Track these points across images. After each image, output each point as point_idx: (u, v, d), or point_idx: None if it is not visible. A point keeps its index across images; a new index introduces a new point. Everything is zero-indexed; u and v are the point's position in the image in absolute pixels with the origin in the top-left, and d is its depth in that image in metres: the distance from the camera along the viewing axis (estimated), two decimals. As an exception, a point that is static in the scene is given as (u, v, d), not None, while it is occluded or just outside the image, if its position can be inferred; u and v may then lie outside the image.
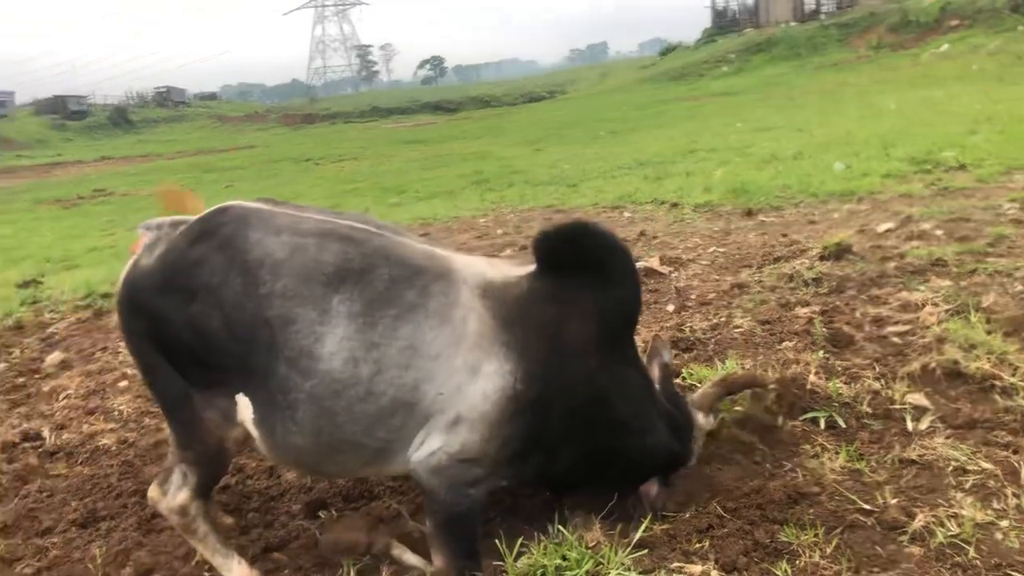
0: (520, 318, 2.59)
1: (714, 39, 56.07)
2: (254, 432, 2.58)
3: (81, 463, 3.90)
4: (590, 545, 2.35)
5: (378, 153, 27.40)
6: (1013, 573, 2.12)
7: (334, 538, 2.76)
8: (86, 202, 20.19)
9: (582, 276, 2.66)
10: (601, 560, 2.29)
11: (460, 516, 2.54)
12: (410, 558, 2.68)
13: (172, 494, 2.64)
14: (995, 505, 2.46)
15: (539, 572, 2.27)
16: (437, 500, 2.54)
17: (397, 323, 2.50)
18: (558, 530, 2.46)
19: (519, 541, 2.43)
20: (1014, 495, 2.49)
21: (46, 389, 5.10)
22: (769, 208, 8.02)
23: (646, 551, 2.37)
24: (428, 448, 2.50)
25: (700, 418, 2.88)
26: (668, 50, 65.77)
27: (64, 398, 4.89)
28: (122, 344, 5.89)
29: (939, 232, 5.96)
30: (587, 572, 2.24)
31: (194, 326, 2.52)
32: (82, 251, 11.95)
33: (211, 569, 2.78)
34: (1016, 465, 2.64)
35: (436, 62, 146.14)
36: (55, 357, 5.73)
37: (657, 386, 2.88)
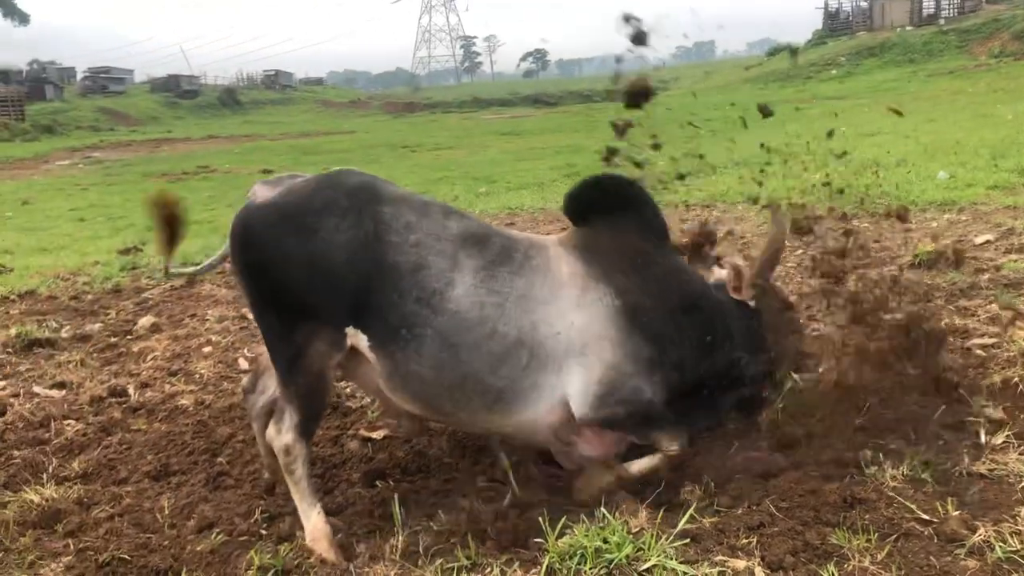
0: (594, 254, 3.07)
1: (824, 41, 54.52)
2: (371, 357, 2.85)
3: (160, 420, 4.08)
4: (633, 530, 2.34)
5: (473, 143, 27.63)
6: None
7: (586, 488, 2.93)
8: (190, 177, 20.91)
9: (616, 211, 3.24)
10: (642, 546, 2.27)
11: (643, 417, 2.94)
12: (643, 462, 2.98)
13: (282, 433, 2.85)
14: (1060, 523, 2.35)
15: (579, 552, 2.26)
16: (620, 421, 2.93)
17: (512, 277, 2.91)
18: (603, 513, 2.46)
19: (563, 519, 2.44)
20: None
21: (135, 350, 5.34)
22: (864, 214, 7.77)
23: (689, 540, 2.34)
24: (578, 381, 2.87)
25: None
26: (776, 51, 64.23)
27: (151, 359, 5.12)
28: (209, 312, 6.15)
29: (1042, 246, 5.69)
30: (627, 557, 2.22)
31: (313, 259, 2.79)
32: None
33: (268, 525, 2.88)
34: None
35: (539, 55, 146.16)
36: (146, 320, 5.99)
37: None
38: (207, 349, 5.26)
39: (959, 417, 3.08)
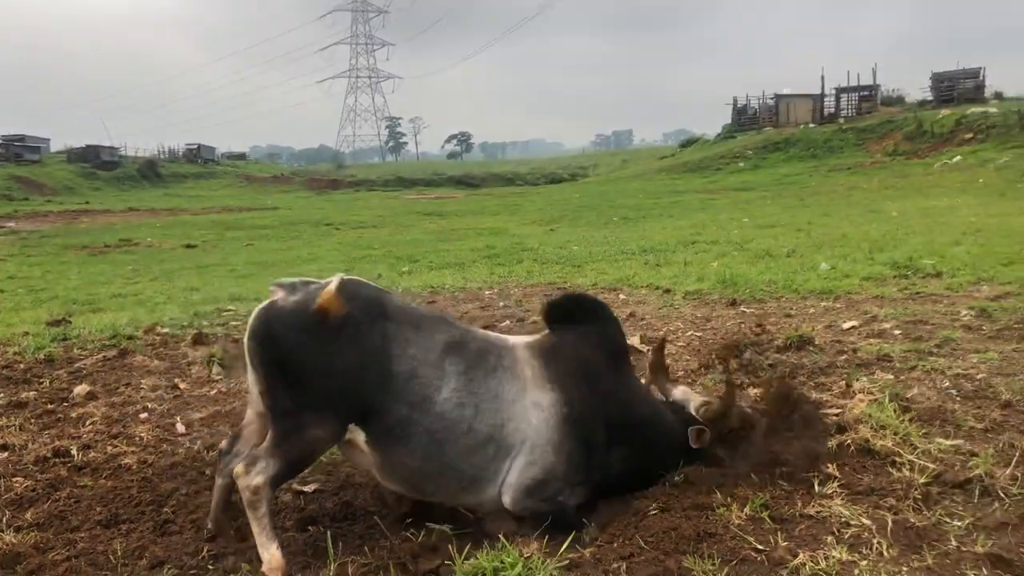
0: (555, 361, 3.63)
1: (733, 135, 57.43)
2: (367, 450, 3.37)
3: (105, 477, 4.43)
4: (525, 556, 2.88)
5: (397, 222, 28.29)
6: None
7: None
8: (112, 250, 20.98)
9: (583, 325, 3.79)
10: (532, 567, 2.81)
11: (557, 522, 3.34)
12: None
13: (253, 475, 3.23)
14: (862, 550, 2.98)
15: (480, 572, 2.80)
16: (538, 516, 3.37)
17: (487, 379, 3.47)
18: (502, 543, 3.00)
19: (468, 546, 2.97)
20: (878, 543, 3.01)
21: (73, 415, 5.64)
22: (752, 300, 8.58)
23: (570, 564, 2.89)
24: (517, 473, 3.41)
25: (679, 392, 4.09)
26: (689, 142, 67.30)
27: (90, 424, 5.43)
28: (143, 381, 6.49)
29: (897, 332, 6.51)
30: (518, 574, 2.76)
31: (330, 365, 3.25)
32: (107, 296, 12.55)
33: (214, 563, 3.30)
34: (888, 522, 3.16)
35: (463, 137, 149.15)
36: (82, 388, 6.29)
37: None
38: (144, 415, 5.60)
39: (800, 471, 3.72)
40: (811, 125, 52.25)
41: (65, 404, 5.97)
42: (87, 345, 7.73)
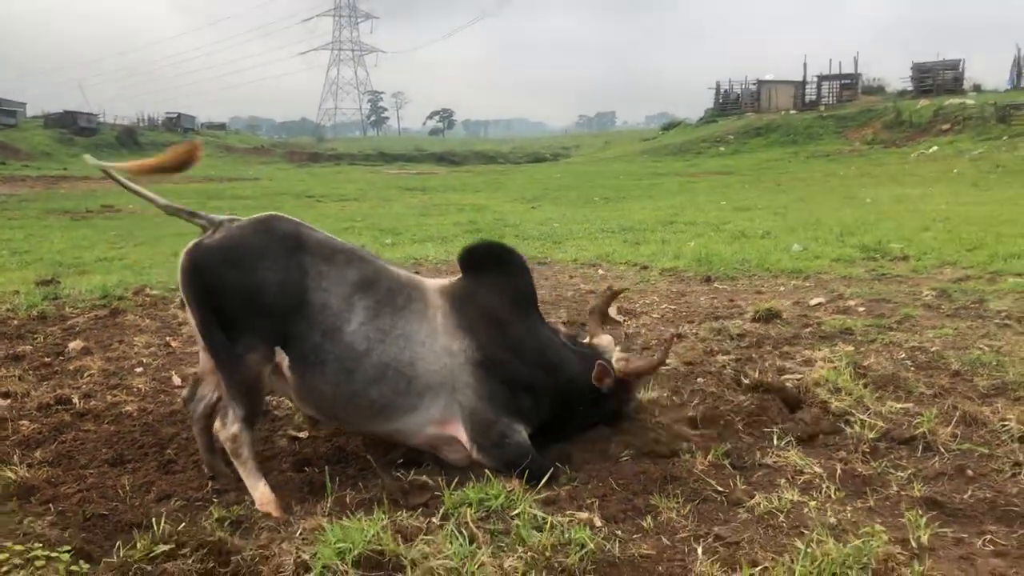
0: (466, 308, 3.86)
1: (715, 119, 57.83)
2: (287, 375, 3.60)
3: (107, 423, 4.67)
4: (507, 490, 3.17)
5: (379, 196, 28.40)
6: (804, 530, 2.94)
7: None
8: (94, 216, 20.98)
9: (494, 273, 4.01)
10: (513, 499, 3.11)
11: (513, 459, 3.60)
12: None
13: (228, 426, 3.53)
14: (812, 493, 3.29)
15: (466, 502, 3.08)
16: (490, 455, 3.66)
17: (394, 318, 3.70)
18: (486, 477, 3.29)
19: (456, 479, 3.26)
20: (827, 487, 3.33)
21: (71, 368, 5.86)
22: (726, 277, 8.91)
23: (548, 500, 3.18)
24: (439, 412, 3.70)
25: (604, 340, 4.27)
26: (671, 125, 67.65)
27: (88, 376, 5.66)
28: (136, 339, 6.70)
29: (861, 308, 6.85)
30: (501, 505, 3.06)
31: (250, 292, 3.50)
32: (92, 260, 12.70)
33: (217, 496, 3.57)
34: (836, 468, 3.49)
35: (446, 114, 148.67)
36: (77, 344, 6.50)
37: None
38: (139, 369, 5.83)
39: (760, 426, 4.03)
40: (792, 112, 52.74)
41: (61, 358, 6.19)
42: (78, 304, 7.93)
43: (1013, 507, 3.16)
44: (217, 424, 3.62)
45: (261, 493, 3.49)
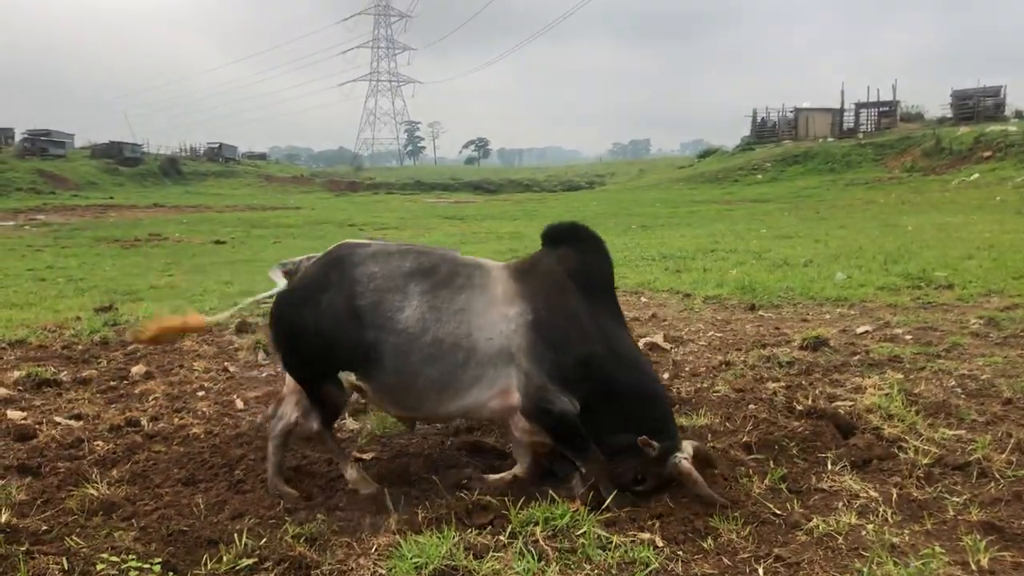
0: (528, 275, 3.90)
1: (752, 147, 57.65)
2: (363, 386, 3.87)
3: (176, 444, 4.85)
4: (571, 510, 3.28)
5: (419, 224, 28.76)
6: (864, 552, 3.01)
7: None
8: (142, 244, 21.49)
9: (568, 247, 4.00)
10: (578, 518, 3.22)
11: (557, 427, 3.67)
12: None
13: (310, 424, 4.07)
14: (868, 516, 3.36)
15: (533, 520, 3.20)
16: (538, 420, 3.69)
17: (454, 296, 3.79)
18: (551, 496, 3.40)
19: (522, 499, 3.38)
20: (884, 511, 3.39)
21: (136, 392, 6.08)
22: (770, 305, 8.96)
23: (610, 520, 3.28)
24: (503, 379, 3.70)
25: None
26: (707, 153, 67.57)
27: (152, 399, 5.87)
28: (196, 364, 6.92)
29: (908, 336, 6.88)
30: (566, 524, 3.17)
31: (317, 329, 3.84)
32: (144, 287, 13.02)
33: (290, 514, 3.71)
34: (892, 492, 3.55)
35: (481, 143, 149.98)
36: (139, 368, 6.74)
37: None
38: (201, 393, 6.04)
39: (815, 452, 4.11)
40: (830, 139, 52.45)
41: (126, 382, 6.42)
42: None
43: (1070, 533, 3.21)
44: (303, 422, 4.08)
45: (351, 473, 4.04)
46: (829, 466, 3.94)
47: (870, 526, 3.26)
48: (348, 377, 3.87)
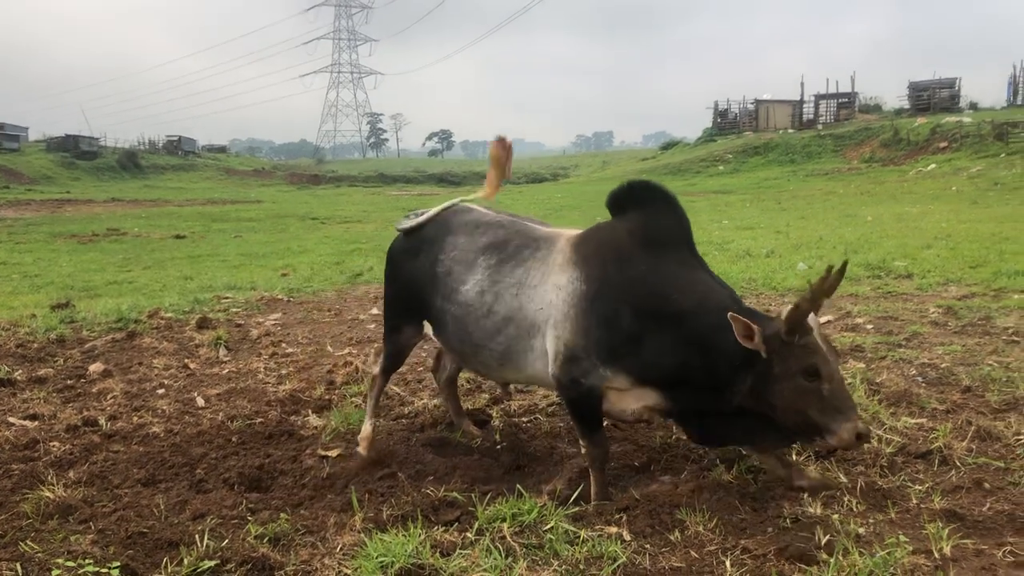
0: (586, 244, 3.75)
1: (713, 138, 58.10)
2: (435, 339, 4.29)
3: (136, 444, 4.76)
4: (539, 505, 3.26)
5: (383, 217, 28.51)
6: (834, 540, 3.02)
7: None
8: (101, 239, 21.09)
9: (632, 209, 3.72)
10: (545, 514, 3.20)
11: (578, 401, 3.61)
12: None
13: (373, 367, 4.79)
14: (834, 506, 3.39)
15: (501, 517, 3.17)
16: (563, 391, 3.68)
17: (514, 269, 3.85)
18: (519, 491, 3.38)
19: (488, 495, 3.35)
20: (849, 500, 3.42)
21: (94, 390, 5.95)
22: (733, 296, 9.00)
23: (578, 515, 3.27)
24: (549, 347, 3.63)
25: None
26: (669, 145, 67.97)
27: (111, 398, 5.75)
28: (155, 361, 6.79)
29: (869, 326, 6.95)
30: (534, 520, 3.15)
31: (407, 277, 4.33)
32: (102, 283, 12.79)
33: (252, 514, 3.65)
34: (856, 482, 3.58)
35: (444, 135, 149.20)
36: (97, 367, 6.59)
37: None
38: (161, 391, 5.92)
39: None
40: (790, 131, 53.04)
41: (83, 380, 6.28)
42: (95, 327, 8.02)
43: (1031, 519, 3.25)
44: (371, 359, 4.76)
45: (365, 430, 4.46)
46: (794, 457, 3.95)
47: (835, 516, 3.28)
48: (426, 327, 4.29)
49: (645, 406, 3.55)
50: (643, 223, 3.62)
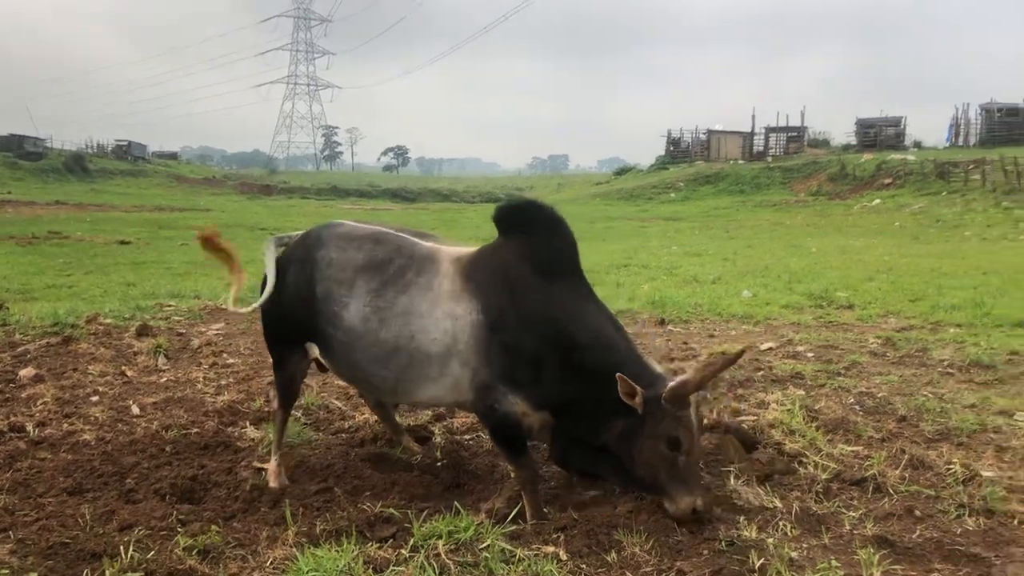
0: (477, 271, 3.68)
1: (666, 166, 58.84)
2: (324, 361, 4.04)
3: (64, 451, 4.61)
4: (476, 523, 3.22)
5: (333, 231, 28.26)
6: (764, 566, 3.04)
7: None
8: (41, 242, 20.55)
9: (521, 232, 3.73)
10: (482, 532, 3.16)
11: (497, 428, 3.64)
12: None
13: (272, 404, 4.43)
14: (769, 530, 3.41)
15: (437, 534, 3.13)
16: (481, 418, 3.73)
17: (398, 296, 3.71)
18: (456, 508, 3.34)
19: (425, 512, 3.31)
20: (784, 525, 3.44)
21: (23, 396, 5.76)
22: (679, 320, 9.09)
23: (515, 534, 3.24)
24: (455, 378, 3.63)
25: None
26: (623, 170, 68.60)
27: (41, 404, 5.56)
28: (90, 367, 6.61)
29: (810, 354, 7.06)
30: (470, 537, 3.11)
31: (285, 301, 4.02)
32: (41, 287, 12.46)
33: (183, 526, 3.55)
34: (792, 506, 3.61)
35: (400, 151, 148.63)
36: (28, 371, 6.39)
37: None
38: (95, 398, 5.76)
39: (719, 465, 4.15)
40: (740, 161, 53.90)
41: (12, 385, 6.08)
42: (28, 331, 7.79)
43: (958, 547, 3.30)
44: (271, 394, 4.63)
45: (273, 464, 4.18)
46: (732, 480, 3.98)
47: (770, 540, 3.30)
48: (313, 348, 4.04)
49: (542, 424, 3.68)
50: (534, 248, 3.66)
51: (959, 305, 9.43)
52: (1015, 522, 3.54)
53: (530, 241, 3.68)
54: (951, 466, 4.12)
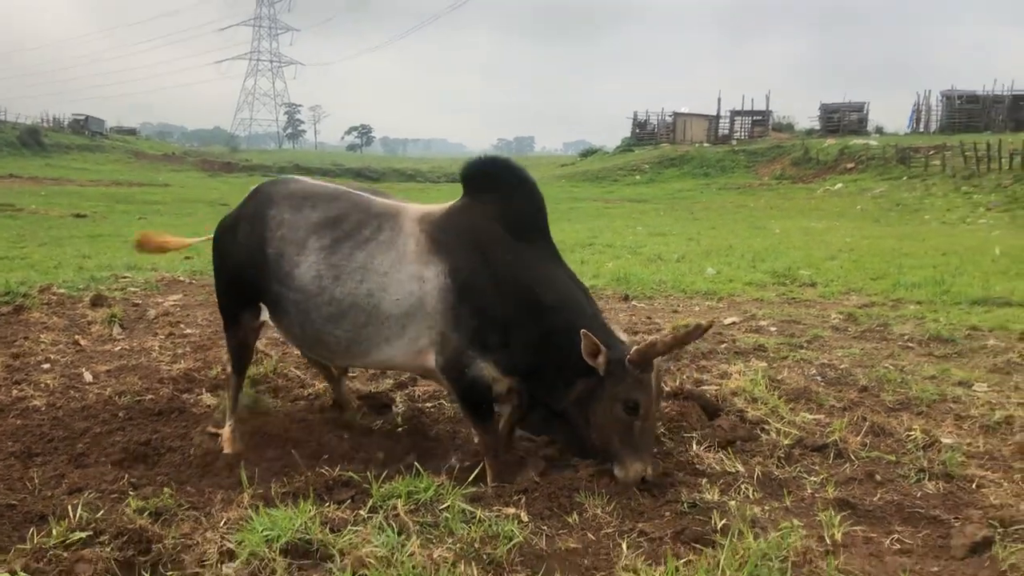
0: (445, 232, 3.58)
1: (632, 148, 58.91)
2: (273, 324, 3.95)
3: (13, 417, 4.48)
4: (436, 484, 3.17)
5: (296, 208, 27.97)
6: (730, 524, 3.02)
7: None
8: (-7, 215, 20.13)
9: (490, 192, 3.67)
10: (443, 492, 3.11)
11: (465, 392, 3.57)
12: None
13: (227, 367, 4.37)
14: (731, 493, 3.40)
15: (396, 494, 3.07)
16: (451, 382, 3.61)
17: (354, 251, 3.58)
18: (416, 469, 3.29)
19: (384, 472, 3.25)
20: (746, 488, 3.44)
21: (-28, 364, 5.61)
22: (643, 296, 9.09)
23: (476, 496, 3.20)
24: (423, 341, 3.57)
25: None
26: (589, 152, 68.65)
27: (-10, 371, 5.42)
28: (42, 336, 6.44)
29: (772, 328, 7.08)
30: (430, 498, 3.06)
31: (235, 260, 3.93)
32: (-7, 258, 12.15)
33: (134, 489, 3.46)
34: (754, 471, 3.60)
35: (364, 130, 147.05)
36: (-23, 340, 6.22)
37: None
38: (46, 365, 5.61)
39: (681, 431, 4.13)
40: (706, 144, 54.16)
41: (-40, 353, 5.91)
42: (-20, 300, 7.57)
43: (917, 510, 3.32)
44: (226, 359, 4.51)
45: (228, 429, 4.08)
46: (695, 446, 3.97)
47: (732, 502, 3.29)
48: (264, 311, 3.95)
49: (508, 387, 3.66)
50: (503, 209, 3.60)
51: (919, 283, 9.55)
52: (973, 486, 3.57)
53: (500, 201, 3.62)
54: (911, 433, 4.15)
